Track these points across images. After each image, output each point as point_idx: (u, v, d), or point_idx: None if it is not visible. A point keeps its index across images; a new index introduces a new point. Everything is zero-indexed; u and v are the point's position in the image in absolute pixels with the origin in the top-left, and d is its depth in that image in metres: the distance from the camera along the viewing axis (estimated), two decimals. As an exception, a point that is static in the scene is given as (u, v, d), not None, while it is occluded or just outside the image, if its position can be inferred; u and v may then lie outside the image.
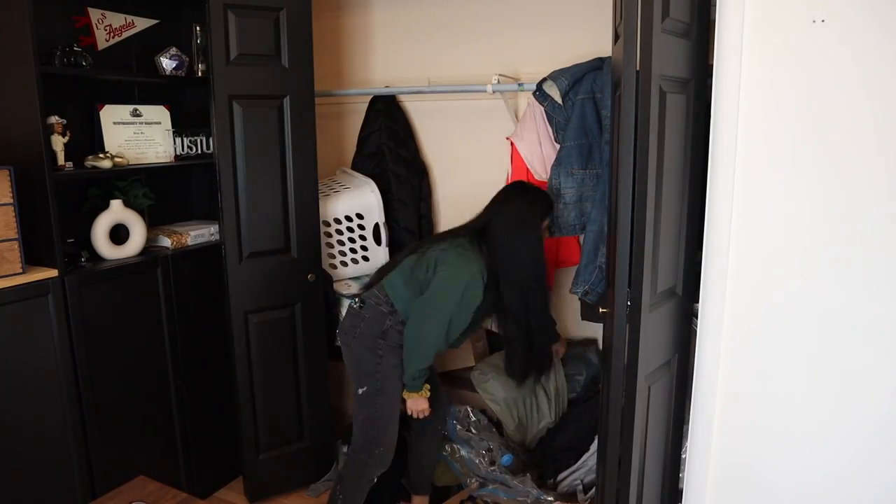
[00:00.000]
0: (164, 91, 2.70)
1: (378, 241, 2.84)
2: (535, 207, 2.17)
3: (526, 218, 2.14)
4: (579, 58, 2.44)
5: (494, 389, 2.57)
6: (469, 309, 2.09)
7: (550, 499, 2.40)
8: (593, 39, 2.51)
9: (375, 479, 2.26)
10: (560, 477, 2.52)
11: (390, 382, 2.16)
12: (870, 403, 1.54)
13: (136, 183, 2.49)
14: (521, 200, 2.19)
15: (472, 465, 2.54)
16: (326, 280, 2.74)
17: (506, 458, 2.51)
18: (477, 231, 2.17)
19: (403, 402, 2.17)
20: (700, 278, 1.70)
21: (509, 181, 2.67)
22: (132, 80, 2.58)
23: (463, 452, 2.57)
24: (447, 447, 2.59)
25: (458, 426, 2.61)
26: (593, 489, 2.41)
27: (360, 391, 2.19)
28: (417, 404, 2.16)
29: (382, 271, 2.29)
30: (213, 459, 2.69)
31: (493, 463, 2.52)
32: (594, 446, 2.46)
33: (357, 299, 2.22)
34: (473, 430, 2.60)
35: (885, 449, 1.54)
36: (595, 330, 2.75)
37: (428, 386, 2.16)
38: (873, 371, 1.52)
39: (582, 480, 2.48)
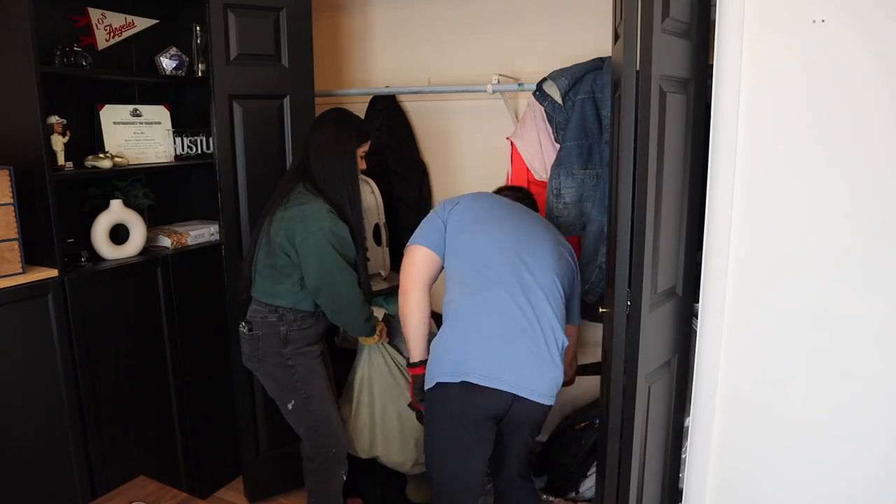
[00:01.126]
0: (164, 91, 2.70)
1: (378, 241, 2.84)
2: (347, 130, 2.12)
3: (337, 139, 2.10)
4: (579, 58, 2.44)
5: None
6: (349, 246, 2.05)
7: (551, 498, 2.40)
8: (593, 39, 2.51)
9: (345, 477, 2.24)
10: (582, 488, 2.50)
11: (314, 385, 2.14)
12: (870, 403, 1.54)
13: (136, 183, 2.49)
14: (330, 124, 2.13)
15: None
16: (326, 280, 2.74)
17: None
18: (300, 169, 2.12)
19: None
20: (700, 278, 1.70)
21: (510, 181, 2.67)
22: (132, 80, 2.59)
23: None
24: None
25: None
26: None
27: (290, 406, 2.16)
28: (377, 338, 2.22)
29: (247, 282, 2.19)
30: (213, 459, 2.69)
31: None
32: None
33: (243, 324, 2.15)
34: None
35: (886, 448, 1.54)
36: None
37: (381, 326, 2.22)
38: (873, 371, 1.52)
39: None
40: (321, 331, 2.20)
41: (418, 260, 1.92)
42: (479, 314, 1.80)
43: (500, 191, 2.30)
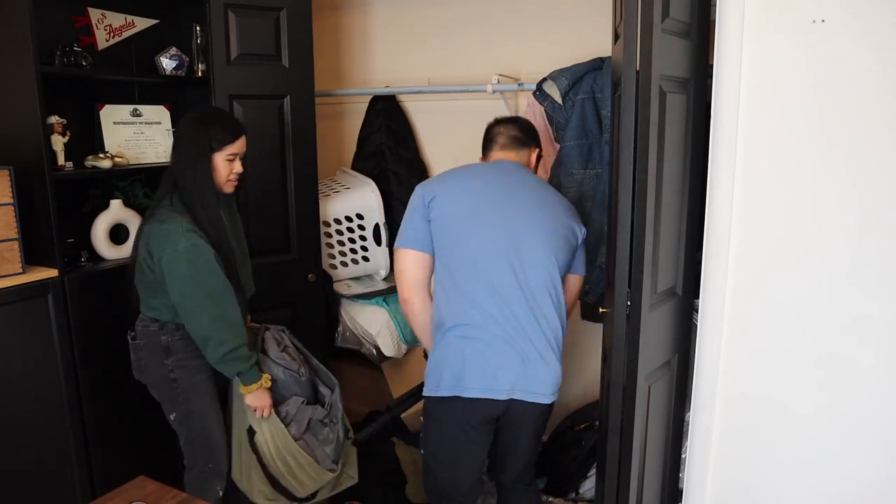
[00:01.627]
0: (164, 91, 2.70)
1: (378, 242, 2.84)
2: (203, 129, 1.88)
3: (190, 140, 1.88)
4: (579, 58, 2.44)
5: None
6: (211, 270, 1.83)
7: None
8: (593, 39, 2.51)
9: (220, 492, 2.04)
10: (582, 489, 2.50)
11: (195, 401, 1.98)
12: (870, 402, 1.54)
13: (136, 183, 2.49)
14: (187, 123, 1.92)
15: None
16: (326, 280, 2.74)
17: None
18: (170, 178, 1.90)
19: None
20: (700, 278, 1.70)
21: (509, 181, 2.67)
22: (132, 80, 2.58)
23: None
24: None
25: None
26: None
27: (172, 417, 2.02)
28: (257, 399, 1.94)
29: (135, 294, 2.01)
30: (213, 459, 2.68)
31: None
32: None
33: (130, 333, 2.00)
34: None
35: (886, 448, 1.54)
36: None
37: (267, 375, 1.96)
38: (873, 370, 1.52)
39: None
40: None
41: (408, 266, 1.86)
42: (473, 324, 1.76)
43: (495, 129, 2.05)
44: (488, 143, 2.06)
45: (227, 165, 1.91)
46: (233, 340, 1.86)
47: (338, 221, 2.78)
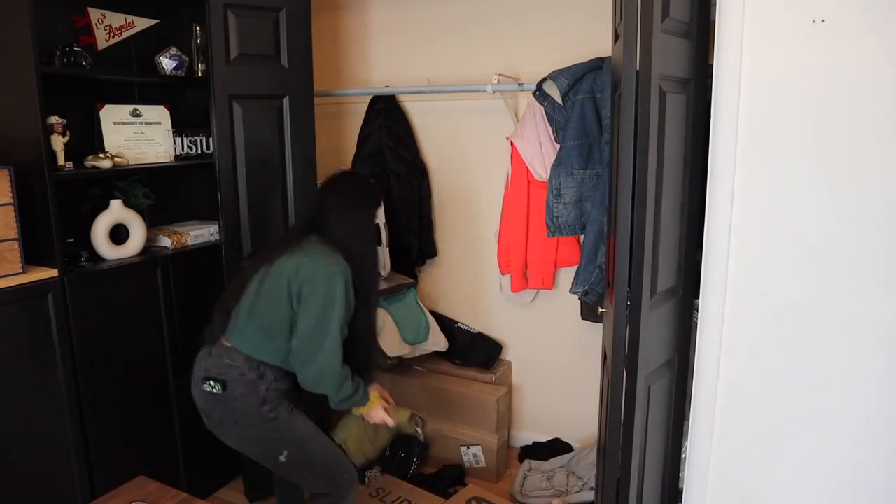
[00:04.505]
0: (164, 91, 2.70)
1: (378, 242, 2.84)
2: (366, 190, 2.07)
3: (359, 196, 2.02)
4: (579, 58, 2.44)
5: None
6: (350, 303, 1.88)
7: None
8: (593, 39, 2.51)
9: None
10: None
11: (300, 428, 1.92)
12: (870, 403, 1.54)
13: (136, 183, 2.49)
14: (352, 182, 2.09)
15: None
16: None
17: None
18: (312, 225, 1.97)
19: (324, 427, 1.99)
20: (700, 278, 1.70)
21: (509, 181, 2.68)
22: (132, 80, 2.58)
23: None
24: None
25: None
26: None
27: (283, 459, 1.90)
28: (374, 416, 1.99)
29: (214, 332, 1.96)
30: (213, 459, 2.68)
31: None
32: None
33: (211, 383, 1.87)
34: None
35: (886, 448, 1.54)
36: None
37: (375, 392, 2.00)
38: (873, 370, 1.52)
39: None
40: (294, 383, 1.95)
41: None
42: None
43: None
44: None
45: (373, 217, 2.09)
46: (345, 380, 1.87)
47: (338, 221, 2.77)
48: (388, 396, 2.17)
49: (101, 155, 2.28)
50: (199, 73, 2.59)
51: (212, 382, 1.87)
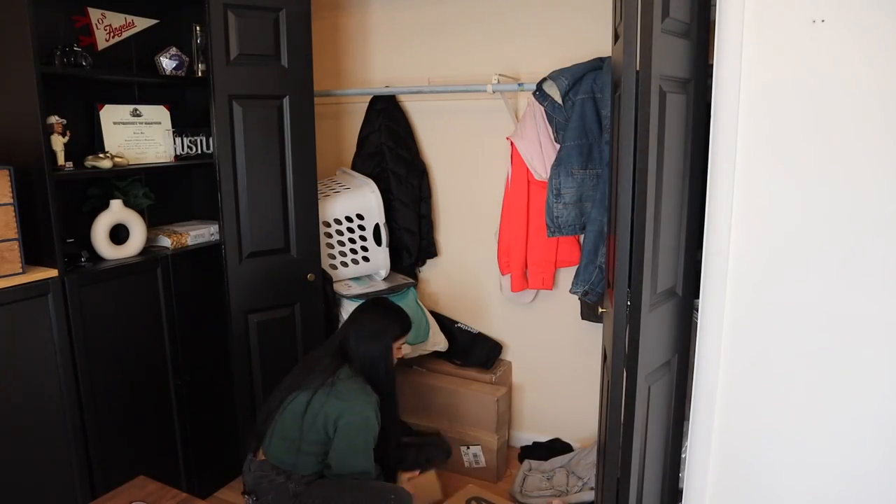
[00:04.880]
0: (164, 91, 2.69)
1: (378, 242, 2.84)
2: (390, 322, 2.18)
3: (380, 329, 2.15)
4: (579, 58, 2.44)
5: None
6: (376, 435, 2.05)
7: None
8: (593, 39, 2.51)
9: None
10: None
11: (333, 487, 2.03)
12: (870, 403, 1.54)
13: (136, 183, 2.49)
14: (376, 314, 2.21)
15: None
16: (326, 280, 2.74)
17: None
18: (340, 352, 2.14)
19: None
20: (700, 278, 1.70)
21: (509, 181, 2.68)
22: (132, 80, 2.58)
23: None
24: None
25: None
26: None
27: None
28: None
29: (258, 442, 2.13)
30: (213, 459, 2.69)
31: None
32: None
33: (251, 497, 2.08)
34: None
35: (885, 448, 1.54)
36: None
37: (404, 477, 2.21)
38: (873, 371, 1.52)
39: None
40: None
41: None
42: None
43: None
44: None
45: (397, 352, 2.21)
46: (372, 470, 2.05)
47: (338, 221, 2.78)
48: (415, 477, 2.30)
49: (101, 155, 2.28)
50: (199, 73, 2.59)
51: (251, 497, 2.10)
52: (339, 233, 2.79)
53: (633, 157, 1.54)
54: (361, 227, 2.81)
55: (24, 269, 2.02)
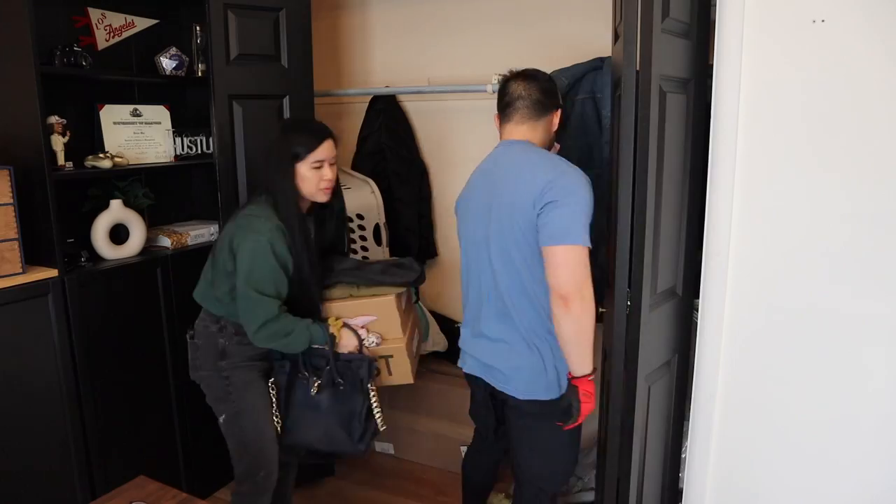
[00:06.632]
0: (164, 91, 2.69)
1: (378, 241, 2.84)
2: (291, 133, 1.91)
3: (277, 145, 1.89)
4: (579, 58, 2.44)
5: None
6: (283, 268, 1.85)
7: None
8: (593, 39, 2.51)
9: None
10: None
11: (247, 400, 1.97)
12: (870, 403, 1.54)
13: (136, 183, 2.49)
14: (279, 129, 1.99)
15: None
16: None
17: None
18: (261, 187, 1.97)
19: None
20: (700, 278, 1.70)
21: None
22: (132, 80, 2.58)
23: None
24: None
25: None
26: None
27: (221, 419, 2.00)
28: (345, 345, 1.95)
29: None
30: (213, 459, 2.68)
31: None
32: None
33: (189, 332, 2.03)
34: None
35: (886, 448, 1.54)
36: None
37: (339, 322, 1.95)
38: (873, 371, 1.52)
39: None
40: (266, 350, 1.99)
41: None
42: (466, 308, 1.97)
43: (513, 94, 1.99)
44: (504, 109, 1.98)
45: (314, 174, 1.88)
46: (294, 329, 1.87)
47: (338, 221, 2.77)
48: (357, 323, 2.01)
49: (101, 155, 2.28)
50: (199, 73, 2.59)
51: (189, 332, 2.04)
52: (339, 233, 2.79)
53: (633, 157, 1.54)
54: (361, 227, 2.81)
55: (24, 269, 2.02)
